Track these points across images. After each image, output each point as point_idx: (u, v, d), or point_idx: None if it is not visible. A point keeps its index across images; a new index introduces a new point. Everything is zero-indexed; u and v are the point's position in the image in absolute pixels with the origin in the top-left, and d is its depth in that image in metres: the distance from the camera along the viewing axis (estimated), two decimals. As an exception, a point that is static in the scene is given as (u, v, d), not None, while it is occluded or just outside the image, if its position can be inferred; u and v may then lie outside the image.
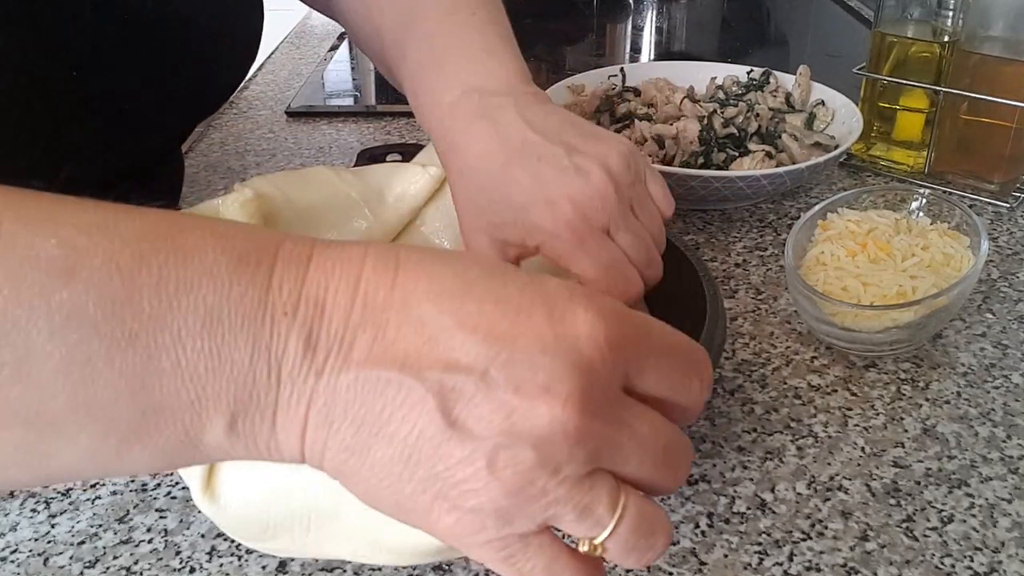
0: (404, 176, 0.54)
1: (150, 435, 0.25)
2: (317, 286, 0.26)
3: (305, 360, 0.25)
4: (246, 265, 0.25)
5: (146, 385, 0.24)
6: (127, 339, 0.24)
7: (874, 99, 0.79)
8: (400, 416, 0.25)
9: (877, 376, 0.52)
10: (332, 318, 0.25)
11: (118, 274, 0.24)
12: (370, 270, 0.26)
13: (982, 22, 0.70)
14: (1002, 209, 0.72)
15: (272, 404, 0.25)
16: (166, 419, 0.25)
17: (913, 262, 0.54)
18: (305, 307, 0.25)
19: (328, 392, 0.25)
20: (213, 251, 0.25)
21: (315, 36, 1.26)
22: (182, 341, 0.24)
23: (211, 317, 0.24)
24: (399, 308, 0.26)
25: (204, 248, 0.25)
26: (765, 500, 0.43)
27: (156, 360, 0.24)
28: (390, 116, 0.94)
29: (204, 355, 0.24)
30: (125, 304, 0.24)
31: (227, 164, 0.83)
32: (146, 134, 0.53)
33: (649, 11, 1.41)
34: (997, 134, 0.72)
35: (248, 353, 0.25)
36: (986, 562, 0.40)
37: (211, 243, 0.25)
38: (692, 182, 0.65)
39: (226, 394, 0.25)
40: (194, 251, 0.25)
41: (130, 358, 0.24)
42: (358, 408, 0.25)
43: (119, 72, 0.47)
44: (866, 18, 1.23)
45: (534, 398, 0.25)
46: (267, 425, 0.26)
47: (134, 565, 0.40)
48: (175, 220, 0.26)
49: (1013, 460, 0.46)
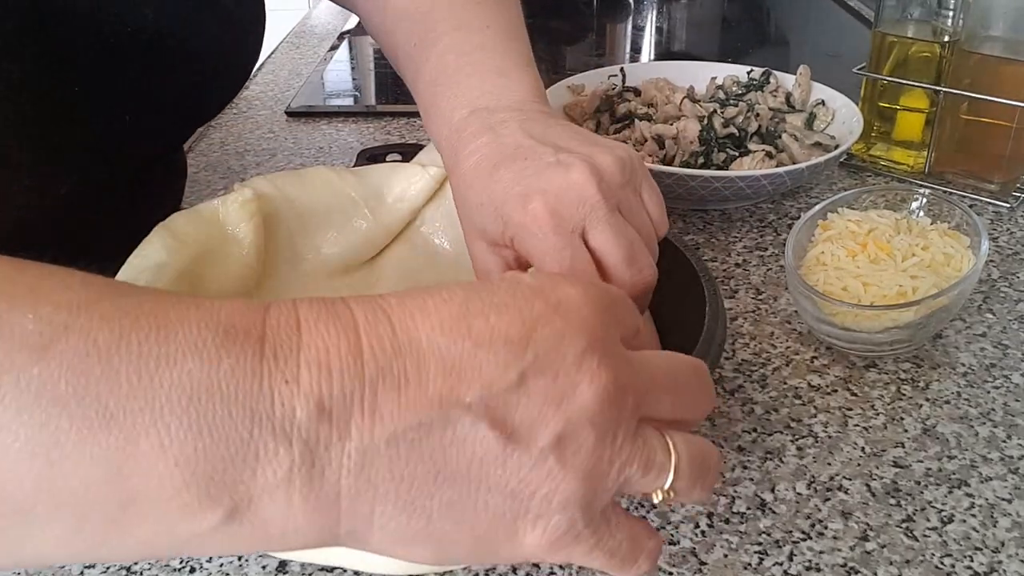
0: (404, 176, 0.54)
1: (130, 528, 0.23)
2: (316, 349, 0.24)
3: (322, 427, 0.23)
4: (234, 337, 0.24)
5: (122, 472, 0.22)
6: (101, 420, 0.22)
7: (874, 99, 0.79)
8: (456, 452, 0.24)
9: (877, 376, 0.52)
10: (343, 377, 0.24)
11: (95, 350, 0.22)
12: (364, 322, 0.25)
13: (982, 22, 0.70)
14: (1002, 209, 0.72)
15: (285, 482, 0.23)
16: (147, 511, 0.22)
17: (913, 262, 0.54)
18: (308, 372, 0.24)
19: (364, 454, 0.24)
20: (197, 325, 0.23)
21: (315, 36, 1.26)
22: (165, 420, 0.22)
23: (199, 392, 0.22)
24: (410, 350, 0.25)
25: (188, 321, 0.23)
26: (765, 500, 0.43)
27: (133, 444, 0.22)
28: (390, 116, 0.94)
29: (192, 433, 0.22)
30: (101, 381, 0.22)
31: (227, 164, 0.83)
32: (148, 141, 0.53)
33: (649, 11, 1.41)
34: (997, 134, 0.72)
35: (247, 428, 0.23)
36: (986, 562, 0.40)
37: (194, 317, 0.24)
38: (692, 182, 0.65)
39: (222, 477, 0.22)
40: (177, 325, 0.23)
41: (104, 441, 0.22)
42: (406, 461, 0.24)
43: (121, 84, 0.47)
44: (866, 18, 1.23)
45: (574, 379, 0.25)
46: (280, 507, 0.23)
47: (134, 565, 0.40)
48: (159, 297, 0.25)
49: (1013, 460, 0.46)
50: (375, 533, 0.25)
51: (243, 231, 0.48)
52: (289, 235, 0.52)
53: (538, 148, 0.42)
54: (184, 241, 0.46)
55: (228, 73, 0.57)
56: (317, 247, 0.53)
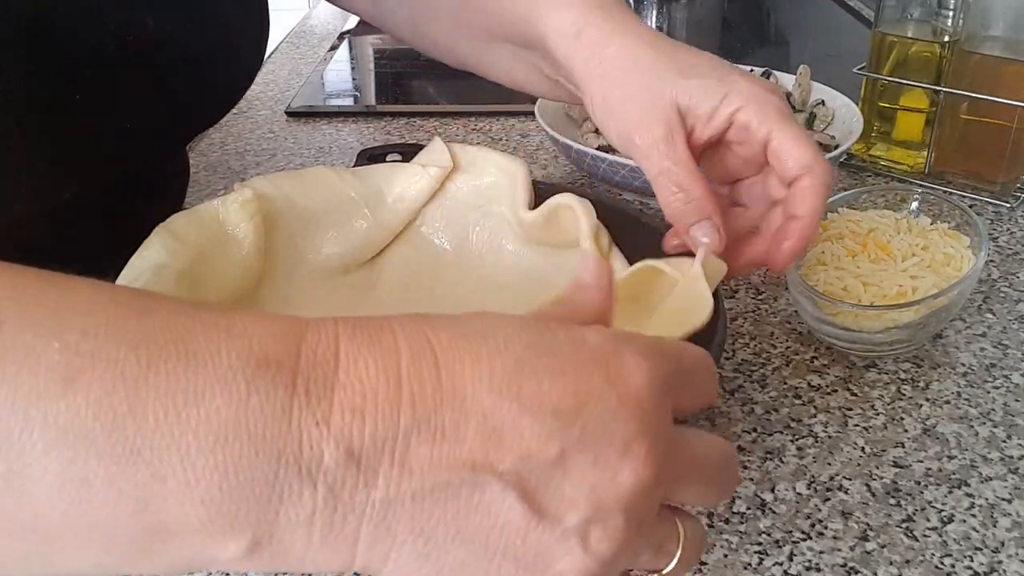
0: (404, 176, 0.54)
1: (157, 554, 0.23)
2: (352, 392, 0.23)
3: (349, 473, 0.23)
4: (265, 370, 0.23)
5: (150, 507, 0.22)
6: (129, 456, 0.22)
7: (874, 99, 0.79)
8: (479, 517, 0.24)
9: (877, 376, 0.52)
10: (377, 425, 0.23)
11: (122, 383, 0.22)
12: (407, 362, 0.24)
13: (982, 22, 0.70)
14: (1002, 209, 0.72)
15: (307, 523, 0.23)
16: (174, 541, 0.23)
17: (913, 262, 0.54)
18: (341, 415, 0.23)
19: (388, 505, 0.23)
20: (227, 355, 0.23)
21: (315, 36, 1.26)
22: (191, 458, 0.22)
23: (226, 431, 0.22)
24: (452, 404, 0.24)
25: (217, 351, 0.23)
26: (765, 500, 0.43)
27: (160, 482, 0.22)
28: (390, 116, 0.94)
29: (218, 473, 0.22)
30: (128, 416, 0.22)
31: (227, 164, 0.83)
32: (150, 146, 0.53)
33: (649, 11, 1.41)
34: (997, 134, 0.72)
35: (273, 469, 0.22)
36: (986, 562, 0.40)
37: (225, 345, 0.23)
38: (692, 182, 0.65)
39: (246, 515, 0.22)
40: (206, 355, 0.23)
41: (132, 477, 0.22)
42: (428, 517, 0.24)
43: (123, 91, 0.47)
44: (866, 18, 1.23)
45: (616, 466, 0.24)
46: (300, 543, 0.23)
47: (134, 565, 0.40)
48: (189, 318, 0.24)
49: (1013, 460, 0.46)
50: (387, 573, 0.25)
51: (243, 231, 0.48)
52: (289, 235, 0.52)
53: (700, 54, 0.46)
54: (184, 242, 0.46)
55: (230, 79, 0.57)
56: (317, 247, 0.53)
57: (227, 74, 0.56)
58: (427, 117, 0.93)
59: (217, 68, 0.54)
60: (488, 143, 0.86)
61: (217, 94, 0.57)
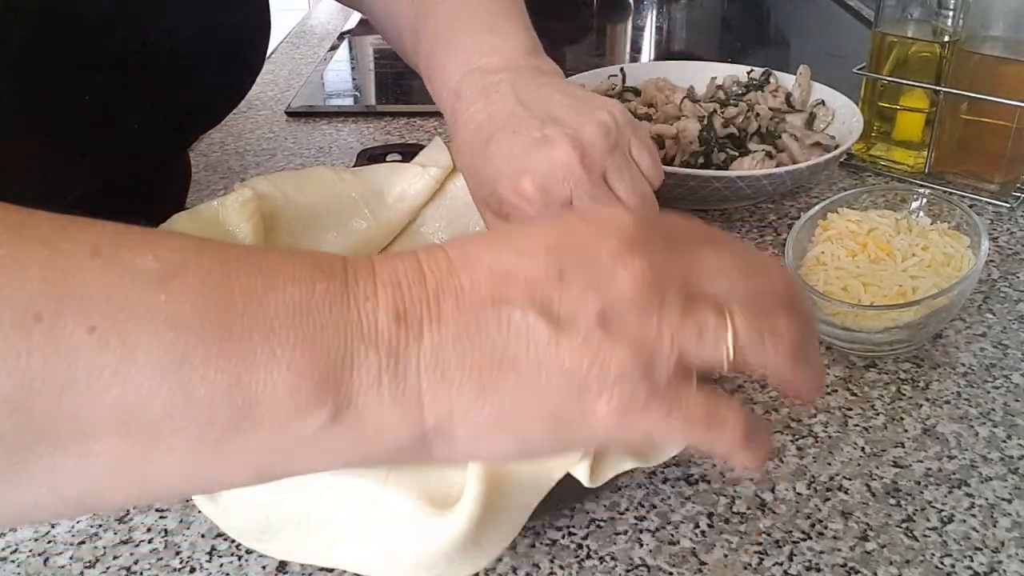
0: (404, 176, 0.54)
1: (246, 434, 0.25)
2: (388, 274, 0.28)
3: (400, 332, 0.27)
4: (322, 270, 0.27)
5: (242, 380, 0.25)
6: (223, 335, 0.25)
7: (874, 99, 0.79)
8: (512, 341, 0.27)
9: (877, 376, 0.52)
10: (412, 291, 0.27)
11: (210, 280, 0.25)
12: (424, 256, 0.29)
13: (982, 22, 0.70)
14: (1002, 209, 0.72)
15: (376, 381, 0.26)
16: (263, 414, 0.25)
17: (913, 262, 0.54)
18: (383, 291, 0.27)
19: (436, 351, 0.27)
20: (291, 265, 0.27)
21: (315, 36, 1.26)
22: (276, 333, 0.25)
23: (300, 311, 0.26)
24: (463, 267, 0.28)
25: (282, 263, 0.27)
26: (765, 500, 0.43)
27: (251, 355, 0.25)
28: (390, 116, 0.94)
29: (299, 344, 0.25)
30: (218, 303, 0.25)
31: (227, 164, 0.83)
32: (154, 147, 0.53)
33: (649, 11, 1.41)
34: (997, 134, 0.72)
35: (341, 336, 0.26)
36: (986, 562, 0.40)
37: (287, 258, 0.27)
38: (692, 182, 0.65)
39: (326, 380, 0.26)
40: (273, 264, 0.27)
41: (226, 352, 0.25)
42: (471, 353, 0.27)
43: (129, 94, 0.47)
44: (866, 18, 1.23)
45: (609, 269, 0.28)
46: (374, 405, 0.26)
47: (134, 565, 0.40)
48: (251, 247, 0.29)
49: (1013, 460, 0.46)
50: (458, 426, 0.27)
51: (243, 231, 0.48)
52: (289, 235, 0.52)
53: (526, 121, 0.46)
54: (184, 241, 0.46)
55: (233, 79, 0.57)
56: (317, 247, 0.53)
57: (229, 74, 0.56)
58: (427, 117, 0.93)
59: (220, 68, 0.54)
60: (488, 143, 0.86)
61: (219, 94, 0.57)
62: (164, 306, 0.24)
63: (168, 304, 0.24)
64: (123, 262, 0.25)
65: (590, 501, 0.43)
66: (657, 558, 0.40)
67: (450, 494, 0.34)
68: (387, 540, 0.34)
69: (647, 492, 0.44)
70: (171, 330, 0.24)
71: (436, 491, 0.34)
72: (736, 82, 0.84)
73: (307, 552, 0.36)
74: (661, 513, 0.43)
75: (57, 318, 0.23)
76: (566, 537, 0.41)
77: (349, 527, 0.34)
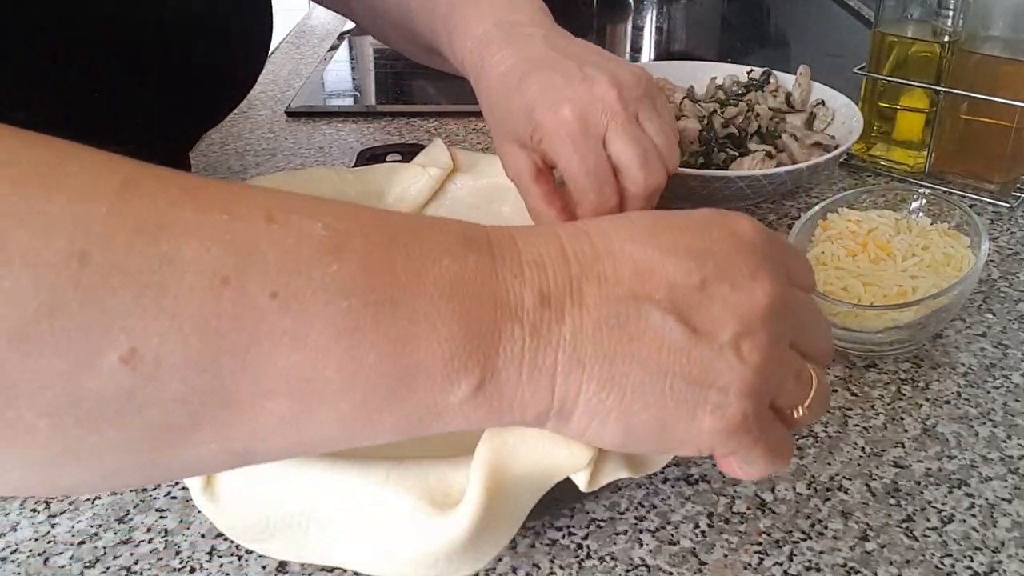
0: (404, 176, 0.54)
1: (401, 400, 0.26)
2: (533, 254, 0.28)
3: (543, 312, 0.27)
4: (471, 243, 0.28)
5: (407, 348, 0.26)
6: (390, 305, 0.26)
7: (874, 99, 0.79)
8: (648, 340, 0.28)
9: (877, 376, 0.52)
10: (556, 275, 0.28)
11: (375, 249, 0.26)
12: (566, 237, 0.29)
13: (982, 22, 0.70)
14: (1002, 209, 0.72)
15: (518, 357, 0.27)
16: (420, 382, 0.26)
17: (913, 262, 0.54)
18: (529, 270, 0.28)
19: (575, 336, 0.28)
20: (441, 233, 0.28)
21: (315, 36, 1.26)
22: (435, 304, 0.26)
23: (455, 283, 0.27)
24: (607, 257, 0.29)
25: (433, 231, 0.28)
26: (765, 500, 0.43)
27: (415, 324, 0.26)
28: (390, 116, 0.94)
29: (456, 316, 0.26)
30: (385, 274, 0.26)
31: (227, 164, 0.83)
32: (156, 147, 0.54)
33: (649, 11, 1.41)
34: (997, 134, 0.72)
35: (492, 312, 0.27)
36: (986, 562, 0.40)
37: (436, 227, 0.28)
38: (692, 182, 0.65)
39: (476, 352, 0.26)
40: (427, 233, 0.28)
41: (393, 321, 0.25)
42: (607, 344, 0.28)
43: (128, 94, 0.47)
44: (866, 18, 1.23)
45: (749, 288, 0.29)
46: (513, 380, 0.27)
47: (134, 565, 0.40)
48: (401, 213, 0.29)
49: (1013, 460, 0.46)
50: (579, 407, 0.28)
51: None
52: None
53: (564, 62, 0.48)
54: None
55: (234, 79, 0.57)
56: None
57: (234, 75, 0.56)
58: (427, 117, 0.93)
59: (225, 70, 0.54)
60: (488, 143, 0.86)
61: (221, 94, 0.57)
62: (336, 274, 0.25)
63: (340, 272, 0.25)
64: (296, 228, 0.25)
65: (590, 501, 0.43)
66: (657, 558, 0.40)
67: (450, 494, 0.34)
68: (387, 540, 0.33)
69: (647, 492, 0.44)
70: (345, 299, 0.25)
71: (436, 491, 0.33)
72: (736, 82, 0.84)
73: (307, 552, 0.36)
74: (661, 513, 0.43)
75: (242, 282, 0.24)
76: (566, 537, 0.41)
77: (349, 527, 0.34)
